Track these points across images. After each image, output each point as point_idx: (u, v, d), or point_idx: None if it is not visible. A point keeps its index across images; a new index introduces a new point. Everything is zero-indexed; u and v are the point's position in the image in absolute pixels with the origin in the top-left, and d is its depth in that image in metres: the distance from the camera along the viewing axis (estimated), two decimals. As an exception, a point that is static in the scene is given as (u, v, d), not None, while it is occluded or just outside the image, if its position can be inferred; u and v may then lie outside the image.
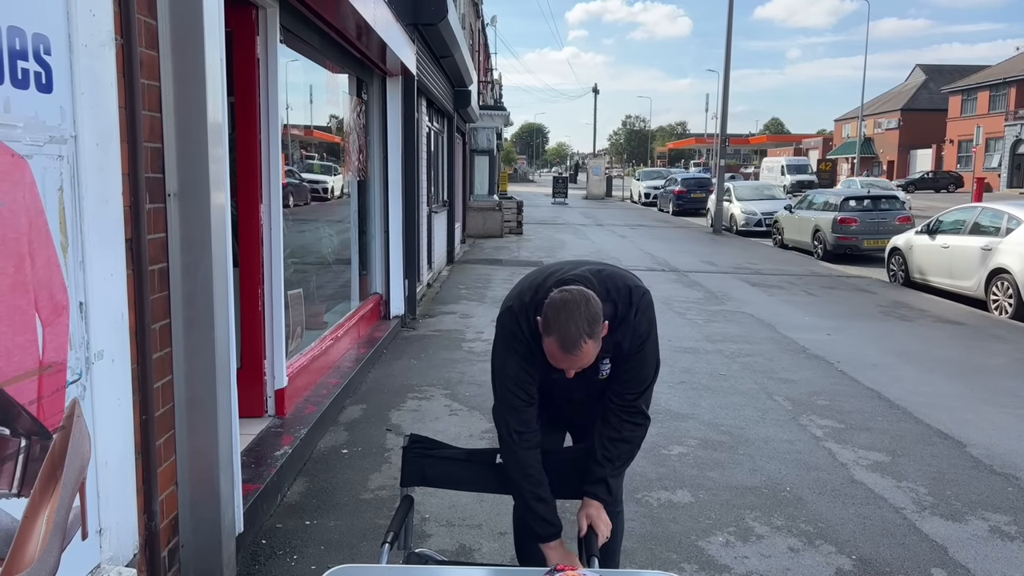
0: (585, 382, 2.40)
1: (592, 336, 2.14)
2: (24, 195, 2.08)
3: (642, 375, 2.42)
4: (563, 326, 2.11)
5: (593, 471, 2.41)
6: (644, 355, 2.39)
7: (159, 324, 2.86)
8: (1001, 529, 3.97)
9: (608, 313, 2.26)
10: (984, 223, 11.06)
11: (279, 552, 3.61)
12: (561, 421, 2.75)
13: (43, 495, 2.19)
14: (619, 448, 2.42)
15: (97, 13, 2.37)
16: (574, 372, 2.24)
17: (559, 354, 2.16)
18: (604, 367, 2.40)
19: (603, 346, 2.27)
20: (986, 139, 45.38)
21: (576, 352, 2.13)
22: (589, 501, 2.41)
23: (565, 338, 2.11)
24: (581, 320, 2.10)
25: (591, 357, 2.18)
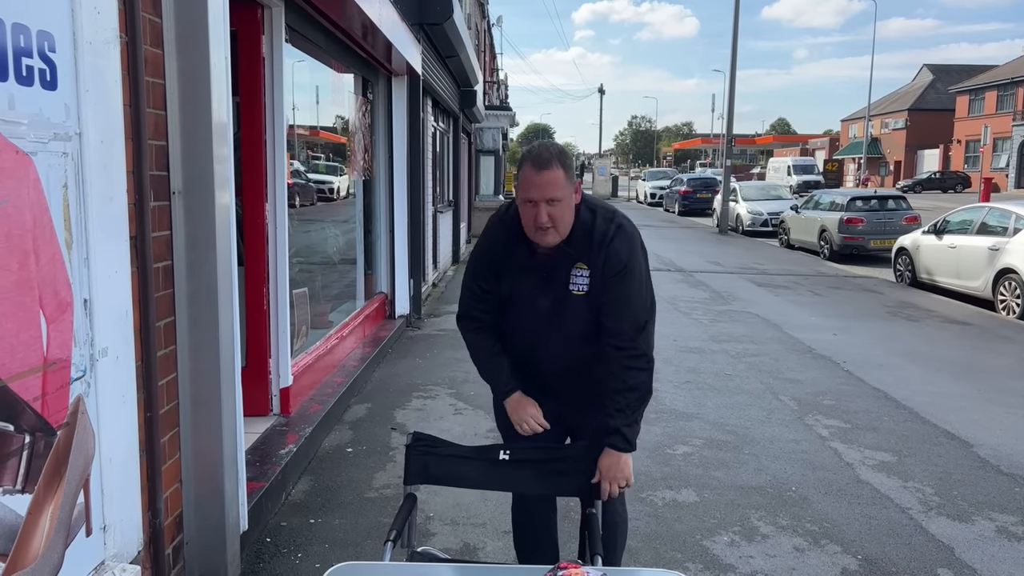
0: (556, 293, 2.45)
1: (563, 165, 2.33)
2: (29, 192, 2.08)
3: (630, 309, 2.44)
4: (535, 149, 2.36)
5: (607, 424, 2.45)
6: (629, 286, 2.42)
7: (164, 322, 2.86)
8: (1008, 529, 3.95)
9: (586, 218, 2.43)
10: (991, 223, 11.01)
11: (283, 550, 3.62)
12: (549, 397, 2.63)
13: (47, 491, 2.19)
14: (627, 397, 2.45)
15: (102, 11, 2.38)
16: (546, 217, 2.30)
17: (531, 174, 2.32)
18: (577, 278, 2.43)
19: (577, 251, 2.41)
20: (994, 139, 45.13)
21: (547, 169, 2.30)
22: (607, 451, 2.45)
23: (537, 156, 2.32)
24: (553, 148, 2.37)
25: (560, 187, 2.31)
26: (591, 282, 2.42)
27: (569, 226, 2.40)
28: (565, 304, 2.46)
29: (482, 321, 2.62)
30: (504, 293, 2.56)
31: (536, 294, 2.48)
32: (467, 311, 2.64)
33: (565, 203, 2.35)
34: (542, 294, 2.47)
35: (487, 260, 2.58)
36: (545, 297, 2.48)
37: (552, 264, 2.45)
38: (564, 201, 2.34)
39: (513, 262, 2.51)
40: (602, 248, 2.40)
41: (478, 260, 2.61)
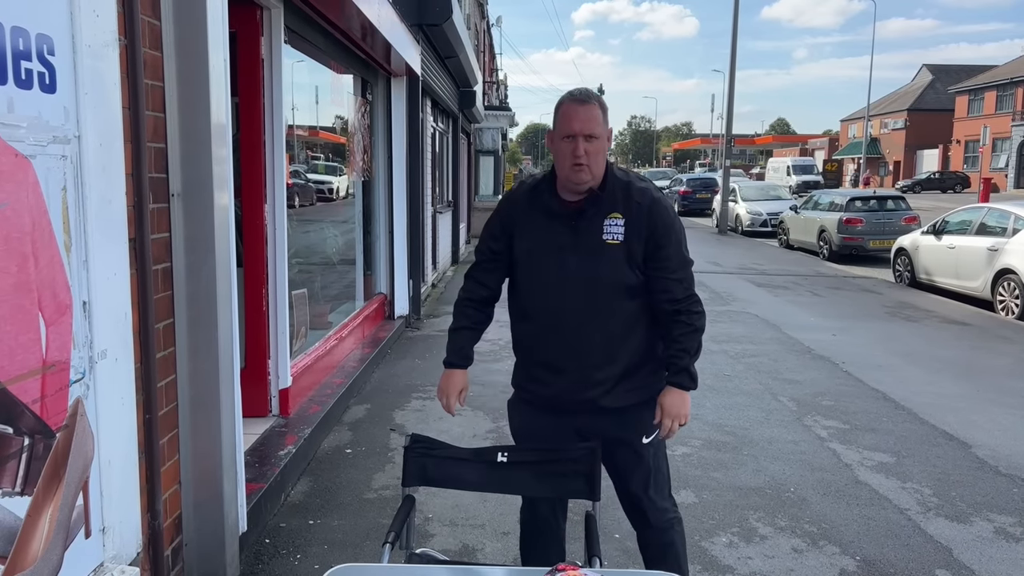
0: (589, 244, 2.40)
1: (601, 105, 2.36)
2: (28, 195, 2.09)
3: (682, 260, 2.48)
4: (575, 90, 2.40)
5: (673, 363, 2.47)
6: (679, 241, 2.46)
7: (163, 323, 2.87)
8: (1006, 530, 3.95)
9: (619, 174, 2.47)
10: (991, 223, 11.02)
11: (282, 551, 3.62)
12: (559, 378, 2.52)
13: (46, 494, 2.20)
14: (692, 339, 2.47)
15: (101, 14, 2.38)
16: (583, 151, 2.30)
17: (573, 108, 2.34)
18: (611, 227, 2.40)
19: (611, 199, 2.40)
20: (993, 139, 45.24)
21: (588, 103, 2.33)
22: (671, 390, 2.47)
23: (579, 93, 2.37)
24: (592, 91, 2.41)
25: (598, 124, 2.34)
26: (626, 232, 2.39)
27: (602, 170, 2.41)
28: (599, 255, 2.40)
29: (475, 290, 2.65)
30: (519, 255, 2.50)
31: (564, 247, 2.42)
32: (470, 272, 2.68)
33: (600, 144, 2.36)
34: (572, 247, 2.42)
35: (502, 218, 2.57)
36: (575, 250, 2.42)
37: (584, 212, 2.41)
38: (600, 141, 2.35)
39: (536, 217, 2.48)
40: (642, 204, 2.40)
41: (493, 220, 2.61)
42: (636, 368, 2.52)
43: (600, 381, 2.49)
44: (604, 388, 2.49)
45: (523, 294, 2.54)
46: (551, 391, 2.55)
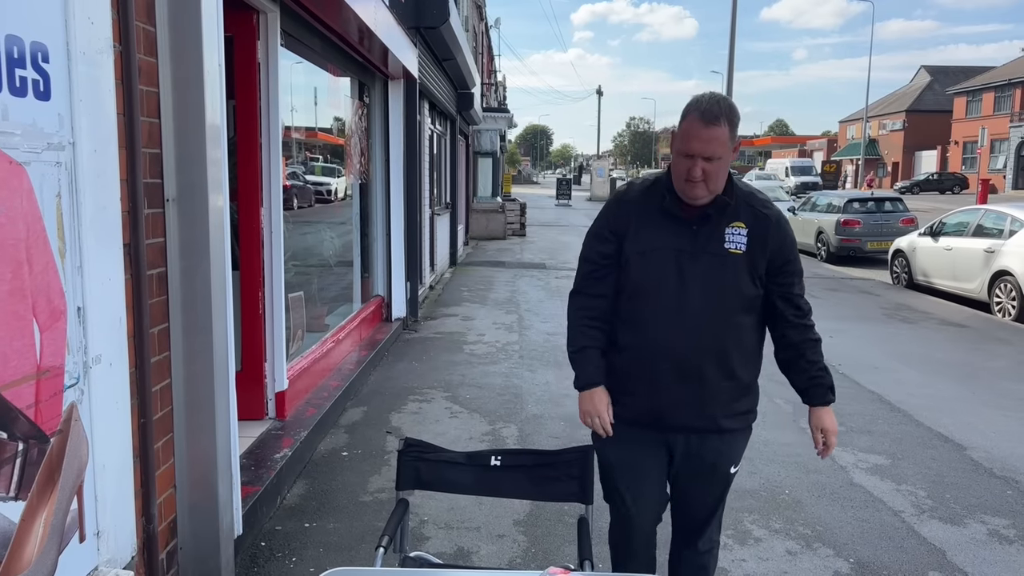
0: (710, 250, 2.29)
1: (730, 122, 2.20)
2: (22, 202, 2.10)
3: (802, 283, 2.46)
4: (705, 100, 2.22)
5: (819, 383, 2.43)
6: (798, 269, 2.41)
7: (158, 328, 2.88)
8: (1000, 532, 3.97)
9: (743, 186, 2.37)
10: (987, 225, 11.04)
11: (278, 554, 3.63)
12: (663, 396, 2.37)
13: (41, 498, 2.21)
14: (820, 354, 2.44)
15: (95, 21, 2.40)
16: (700, 172, 2.19)
17: (697, 127, 2.18)
18: (734, 236, 2.29)
19: (736, 206, 2.30)
20: (991, 140, 45.23)
21: (715, 124, 2.17)
22: (825, 410, 2.45)
23: (707, 110, 2.18)
24: (724, 103, 2.21)
25: (723, 146, 2.19)
26: (749, 242, 2.29)
27: (722, 185, 2.28)
28: (722, 264, 2.29)
29: (590, 305, 2.45)
30: (631, 256, 2.35)
31: (683, 251, 2.30)
32: (579, 287, 2.50)
33: (723, 162, 2.24)
34: (691, 251, 2.29)
35: (612, 218, 2.43)
36: (695, 255, 2.29)
37: (706, 216, 2.30)
38: (723, 160, 2.23)
39: (651, 217, 2.35)
40: (769, 216, 2.33)
41: (600, 222, 2.46)
42: (747, 390, 2.44)
43: (718, 396, 2.37)
44: (722, 405, 2.39)
45: (633, 300, 2.37)
46: (662, 405, 2.38)
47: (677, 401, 2.36)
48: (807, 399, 2.48)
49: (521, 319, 9.52)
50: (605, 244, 2.42)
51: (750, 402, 2.49)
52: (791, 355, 2.44)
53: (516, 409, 5.86)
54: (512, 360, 7.28)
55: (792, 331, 2.40)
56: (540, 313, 9.89)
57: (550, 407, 5.88)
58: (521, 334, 8.60)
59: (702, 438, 2.42)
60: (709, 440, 2.42)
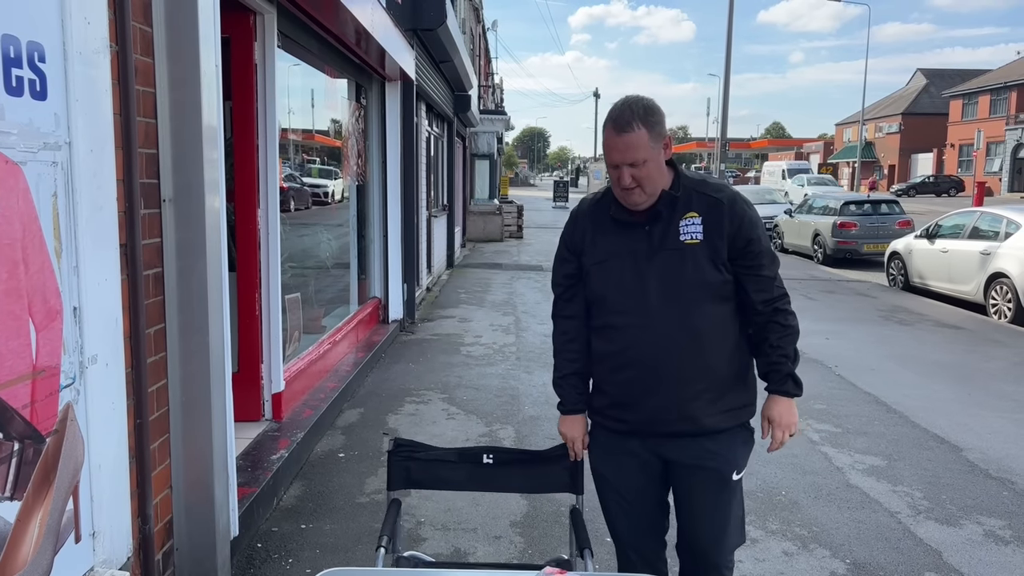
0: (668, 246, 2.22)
1: (646, 124, 2.15)
2: (18, 201, 2.10)
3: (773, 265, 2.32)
4: (616, 109, 2.19)
5: (776, 370, 2.33)
6: (763, 238, 2.29)
7: (154, 328, 2.88)
8: (995, 533, 3.97)
9: (692, 174, 2.31)
10: (983, 227, 11.06)
11: (274, 556, 3.63)
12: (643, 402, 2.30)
13: (36, 498, 2.20)
14: (789, 340, 2.33)
15: (92, 21, 2.40)
16: (629, 179, 2.16)
17: (610, 137, 2.18)
18: (689, 227, 2.23)
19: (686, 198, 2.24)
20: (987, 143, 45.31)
21: (627, 132, 2.14)
22: (777, 399, 2.34)
23: (617, 118, 2.17)
24: (636, 106, 2.17)
25: (642, 149, 2.15)
26: (705, 230, 2.22)
27: (658, 185, 2.23)
28: (680, 257, 2.23)
29: (566, 327, 2.46)
30: (590, 268, 2.33)
31: (638, 253, 2.25)
32: (555, 311, 2.51)
33: (652, 163, 2.19)
34: (648, 252, 2.25)
35: (568, 237, 2.43)
36: (652, 254, 2.24)
37: (658, 214, 2.25)
38: (651, 162, 2.18)
39: (604, 228, 2.33)
40: (721, 200, 2.24)
41: (560, 243, 2.46)
42: (733, 384, 2.33)
43: (698, 394, 2.27)
44: (703, 403, 2.28)
45: (599, 310, 2.34)
46: (642, 413, 2.32)
47: (656, 406, 2.28)
48: (767, 386, 2.37)
49: (518, 321, 9.52)
50: (566, 264, 2.42)
51: (741, 397, 2.36)
52: (757, 340, 2.36)
53: (513, 410, 5.86)
54: (509, 362, 7.28)
55: (758, 316, 2.31)
56: (537, 315, 9.89)
57: (547, 408, 5.88)
58: (518, 336, 8.60)
59: (691, 442, 2.31)
60: (699, 443, 2.31)
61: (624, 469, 2.40)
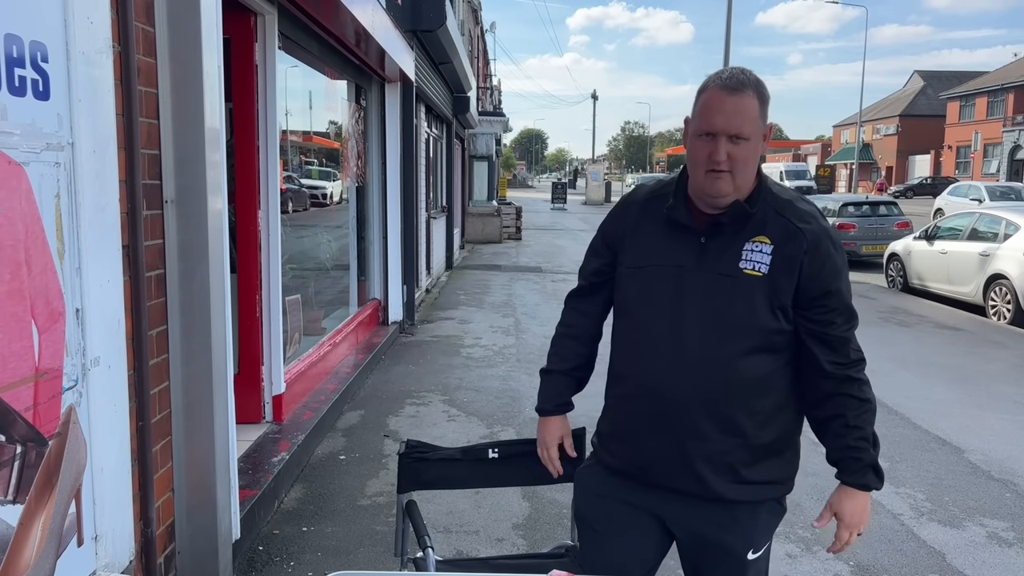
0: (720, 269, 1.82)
1: (760, 95, 1.77)
2: (21, 202, 2.08)
3: (851, 323, 1.88)
4: (726, 72, 1.81)
5: (853, 457, 1.85)
6: (849, 295, 1.89)
7: (156, 330, 2.86)
8: (999, 535, 3.97)
9: (774, 188, 1.89)
10: (982, 229, 11.07)
11: (276, 559, 3.61)
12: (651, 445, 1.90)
13: (39, 501, 2.19)
14: (867, 420, 1.86)
15: (95, 21, 2.38)
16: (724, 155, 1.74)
17: (719, 97, 1.76)
18: (753, 253, 1.80)
19: (761, 216, 1.82)
20: (984, 145, 45.47)
21: (741, 93, 1.75)
22: (852, 493, 1.86)
23: (729, 78, 1.78)
24: (750, 74, 1.80)
25: (752, 121, 1.76)
26: (773, 262, 1.79)
27: (750, 184, 1.83)
28: (732, 285, 1.80)
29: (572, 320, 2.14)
30: (623, 271, 1.95)
31: (684, 267, 1.84)
32: (569, 296, 2.19)
33: (752, 147, 1.77)
34: (695, 268, 1.83)
35: (607, 228, 2.06)
36: (699, 272, 1.83)
37: (720, 226, 1.83)
38: (752, 143, 1.77)
39: (651, 226, 1.92)
40: (804, 233, 1.81)
41: (599, 231, 2.09)
42: (767, 454, 1.88)
43: (714, 454, 1.84)
44: (718, 466, 1.85)
45: (623, 322, 1.96)
46: (639, 454, 1.92)
47: (658, 452, 1.88)
48: (838, 473, 1.90)
49: (518, 322, 9.51)
50: (597, 258, 2.07)
51: (775, 470, 1.91)
52: (825, 414, 1.87)
53: (514, 412, 5.85)
54: (509, 363, 7.27)
55: (825, 382, 1.84)
56: (537, 316, 9.88)
57: (548, 410, 5.86)
58: (518, 337, 8.58)
59: (700, 507, 1.89)
60: (709, 511, 1.89)
61: (613, 519, 1.98)
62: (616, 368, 2.01)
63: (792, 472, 1.97)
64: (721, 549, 1.91)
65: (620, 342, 1.98)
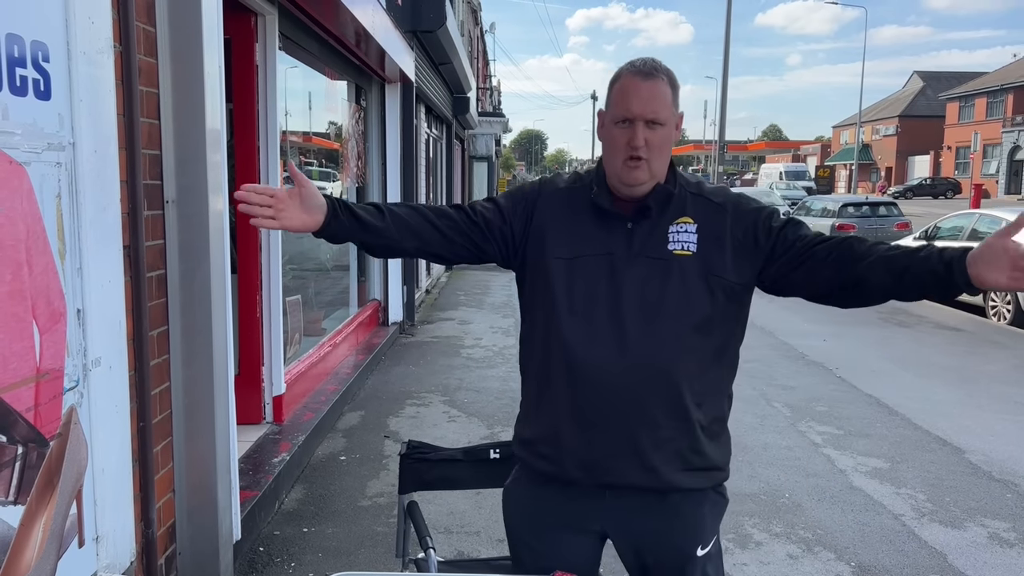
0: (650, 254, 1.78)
1: (671, 82, 1.77)
2: (22, 202, 2.08)
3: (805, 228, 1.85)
4: (637, 60, 1.80)
5: (933, 254, 1.65)
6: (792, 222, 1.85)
7: (157, 331, 2.86)
8: (1000, 536, 3.96)
9: (691, 178, 1.91)
10: (982, 230, 11.08)
11: (276, 559, 3.60)
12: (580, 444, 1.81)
13: (40, 502, 2.18)
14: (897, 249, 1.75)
15: (96, 20, 2.38)
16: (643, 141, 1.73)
17: (634, 83, 1.75)
18: (680, 235, 1.79)
19: (684, 203, 1.82)
20: (984, 145, 45.43)
21: (655, 78, 1.74)
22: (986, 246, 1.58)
23: (642, 65, 1.77)
24: (660, 62, 1.79)
25: (667, 106, 1.75)
26: (700, 241, 1.79)
27: (665, 168, 1.82)
28: (665, 270, 1.77)
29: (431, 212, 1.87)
30: (552, 263, 1.83)
31: (617, 258, 1.79)
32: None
33: (667, 133, 1.77)
34: (626, 255, 1.79)
35: (516, 196, 1.94)
36: (631, 259, 1.79)
37: (644, 210, 1.80)
38: (667, 129, 1.76)
39: (575, 214, 1.86)
40: (723, 204, 1.83)
41: (497, 198, 1.95)
42: (707, 436, 1.83)
43: (663, 441, 1.78)
44: (668, 454, 1.79)
45: (555, 317, 1.82)
46: (593, 451, 1.80)
47: (610, 448, 1.78)
48: (953, 265, 1.62)
49: (518, 323, 9.49)
50: (489, 212, 1.89)
51: (716, 455, 1.86)
52: (888, 264, 1.69)
53: (515, 413, 5.82)
54: (510, 364, 7.26)
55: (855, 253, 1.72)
56: (537, 317, 9.87)
57: (548, 411, 5.86)
58: (518, 338, 8.58)
59: (647, 502, 1.82)
60: (658, 505, 1.82)
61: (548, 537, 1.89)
62: (546, 366, 1.86)
63: (728, 457, 1.92)
64: (669, 546, 1.85)
65: (550, 337, 1.84)
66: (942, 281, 1.64)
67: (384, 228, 1.80)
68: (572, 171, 2.05)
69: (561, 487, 1.86)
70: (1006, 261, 1.55)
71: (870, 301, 1.79)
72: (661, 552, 1.86)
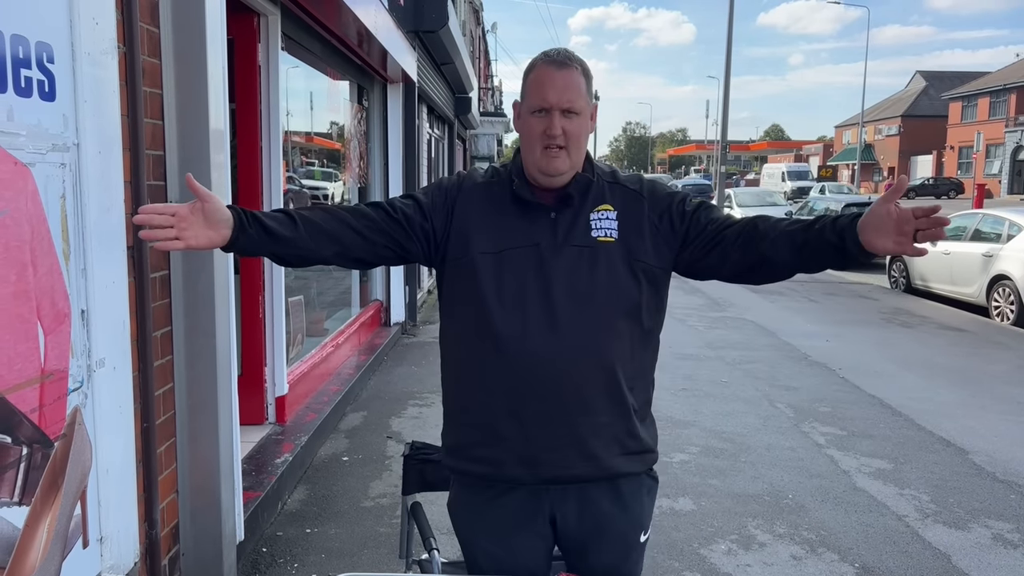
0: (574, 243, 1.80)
1: (584, 71, 1.81)
2: (27, 203, 2.08)
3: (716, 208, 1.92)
4: (549, 51, 1.84)
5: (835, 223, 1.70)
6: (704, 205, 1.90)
7: (160, 332, 2.86)
8: (1004, 537, 3.96)
9: (603, 165, 1.95)
10: (985, 230, 11.07)
11: (280, 560, 3.60)
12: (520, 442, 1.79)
13: (44, 503, 2.18)
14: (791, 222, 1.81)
15: (100, 22, 2.38)
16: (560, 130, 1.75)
17: (548, 73, 1.77)
18: (602, 222, 1.82)
19: (603, 191, 1.86)
20: (987, 145, 45.37)
21: (568, 66, 1.78)
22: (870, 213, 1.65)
23: (555, 55, 1.81)
24: (572, 52, 1.84)
25: (581, 95, 1.78)
26: (620, 227, 1.81)
27: (582, 158, 1.84)
28: (592, 257, 1.79)
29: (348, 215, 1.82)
30: (475, 259, 1.80)
31: (544, 249, 1.79)
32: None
33: (583, 122, 1.80)
34: (552, 244, 1.79)
35: (436, 192, 1.90)
36: (556, 251, 1.79)
37: (566, 199, 1.83)
38: (582, 119, 1.80)
39: (497, 207, 1.85)
40: (639, 190, 1.87)
41: (415, 193, 1.91)
42: (638, 419, 1.87)
43: (601, 427, 1.80)
44: (607, 440, 1.81)
45: (486, 313, 1.78)
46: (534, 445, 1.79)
47: (550, 441, 1.78)
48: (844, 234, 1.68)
49: (520, 323, 9.49)
50: (409, 208, 1.84)
51: (648, 438, 1.90)
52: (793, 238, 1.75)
53: (517, 413, 5.84)
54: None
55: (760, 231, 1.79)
56: (539, 317, 9.87)
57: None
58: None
59: (589, 493, 1.84)
60: (602, 493, 1.84)
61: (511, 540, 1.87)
62: (478, 363, 1.82)
63: (657, 439, 1.96)
64: (615, 535, 1.87)
65: (481, 333, 1.80)
66: (838, 251, 1.70)
67: (295, 237, 1.74)
68: (489, 166, 2.04)
69: (504, 490, 1.86)
70: (891, 226, 1.62)
71: (778, 277, 1.86)
72: (605, 542, 1.87)
